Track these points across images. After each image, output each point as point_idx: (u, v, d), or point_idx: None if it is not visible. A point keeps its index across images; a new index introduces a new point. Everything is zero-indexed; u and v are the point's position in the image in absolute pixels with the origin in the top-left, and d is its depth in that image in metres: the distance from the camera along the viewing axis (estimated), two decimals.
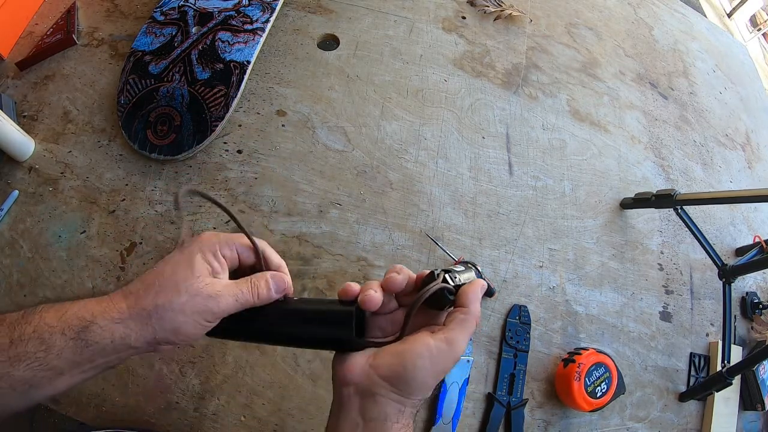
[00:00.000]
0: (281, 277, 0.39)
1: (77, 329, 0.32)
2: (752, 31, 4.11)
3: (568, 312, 0.74)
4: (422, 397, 0.35)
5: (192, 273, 0.34)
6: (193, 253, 0.35)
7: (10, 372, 0.30)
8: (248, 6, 0.81)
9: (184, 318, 0.34)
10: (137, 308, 0.33)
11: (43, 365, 0.31)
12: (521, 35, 0.95)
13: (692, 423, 0.76)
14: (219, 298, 0.34)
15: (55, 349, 0.31)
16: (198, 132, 0.71)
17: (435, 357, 0.34)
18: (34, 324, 0.32)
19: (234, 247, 0.38)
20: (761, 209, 0.98)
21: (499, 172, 0.81)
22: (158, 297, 0.33)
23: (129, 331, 0.33)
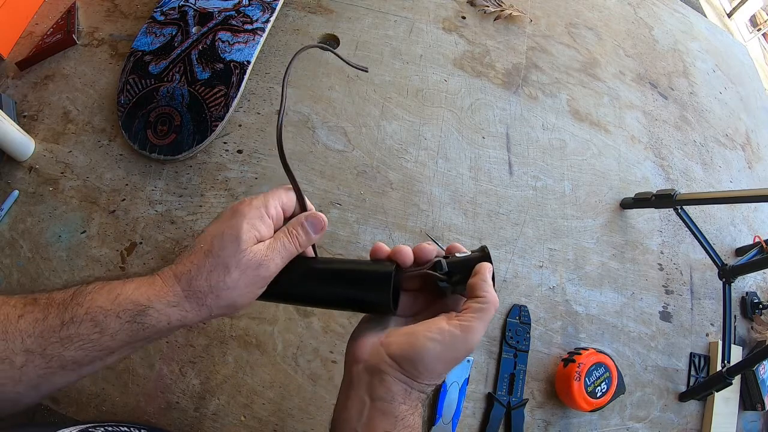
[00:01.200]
0: (315, 216, 0.38)
1: (133, 313, 0.32)
2: (752, 31, 4.11)
3: (568, 312, 0.74)
4: (430, 382, 0.34)
5: (239, 246, 0.34)
6: (239, 223, 0.34)
7: (62, 353, 0.31)
8: (248, 6, 0.81)
9: (239, 293, 0.34)
10: (191, 290, 0.33)
11: (96, 346, 0.32)
12: (521, 35, 0.95)
13: (692, 423, 0.76)
14: (267, 263, 0.34)
15: (110, 330, 0.32)
16: (198, 132, 0.71)
17: (447, 342, 0.33)
18: (86, 306, 0.32)
19: (278, 204, 0.37)
20: (761, 209, 0.98)
21: (499, 172, 0.81)
22: (211, 277, 0.33)
23: (185, 312, 0.33)
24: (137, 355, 0.61)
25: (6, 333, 0.30)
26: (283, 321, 0.64)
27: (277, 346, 0.63)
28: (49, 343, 0.30)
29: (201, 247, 0.34)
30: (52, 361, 0.31)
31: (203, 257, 0.34)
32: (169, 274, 0.34)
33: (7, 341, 0.30)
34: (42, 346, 0.30)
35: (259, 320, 0.64)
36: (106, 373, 0.60)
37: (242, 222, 0.34)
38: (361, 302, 0.37)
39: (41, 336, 0.30)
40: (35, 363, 0.30)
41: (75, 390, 0.59)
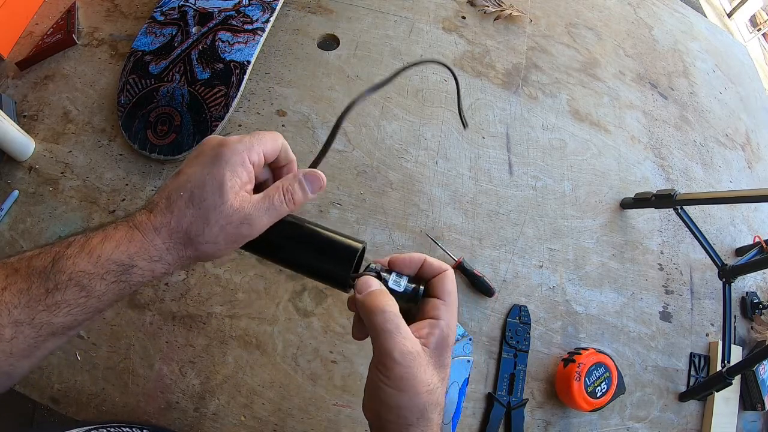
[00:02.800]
0: (314, 173, 0.36)
1: (117, 273, 0.31)
2: (752, 31, 4.11)
3: (568, 312, 0.74)
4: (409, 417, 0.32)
5: (222, 198, 0.32)
6: (221, 171, 0.32)
7: (51, 320, 0.30)
8: (248, 6, 0.81)
9: (218, 247, 0.33)
10: (172, 243, 0.32)
11: (84, 309, 0.31)
12: (521, 35, 0.95)
13: (692, 423, 0.76)
14: (252, 221, 0.33)
15: (96, 293, 0.31)
16: (198, 132, 0.71)
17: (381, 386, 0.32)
18: (68, 272, 0.30)
19: (261, 151, 0.35)
20: (761, 209, 0.98)
21: (499, 172, 0.81)
22: (190, 229, 0.32)
23: (167, 266, 0.33)
24: (137, 355, 0.61)
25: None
26: (283, 321, 0.64)
27: (277, 346, 0.63)
28: (36, 312, 0.30)
29: (180, 195, 0.32)
30: (41, 329, 0.30)
31: (183, 207, 0.32)
32: (147, 226, 0.32)
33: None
34: (30, 316, 0.30)
35: (259, 320, 0.64)
36: (106, 373, 0.60)
37: (225, 169, 0.32)
38: (320, 271, 0.36)
39: (28, 306, 0.30)
40: (25, 333, 0.30)
41: (75, 390, 0.59)
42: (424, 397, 0.31)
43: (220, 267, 0.66)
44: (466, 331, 0.68)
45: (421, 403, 0.31)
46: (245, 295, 0.65)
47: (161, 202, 0.33)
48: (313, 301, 0.66)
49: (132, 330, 0.62)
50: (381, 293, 0.33)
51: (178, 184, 0.33)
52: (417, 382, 0.30)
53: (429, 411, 0.31)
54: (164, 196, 0.33)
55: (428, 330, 0.33)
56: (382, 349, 0.31)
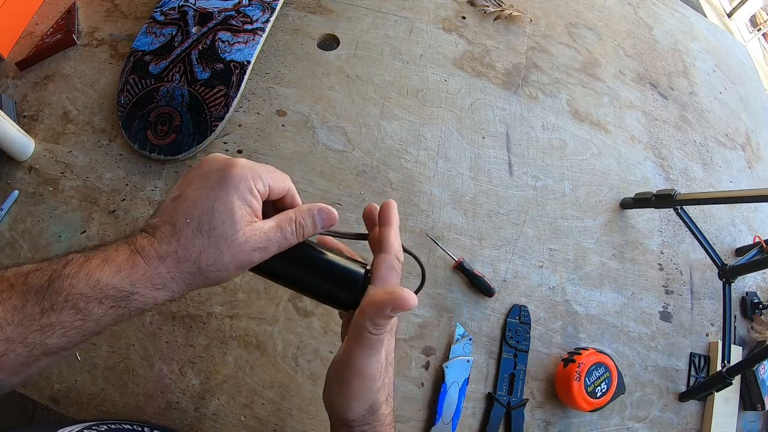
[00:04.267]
0: (328, 211, 0.36)
1: (116, 299, 0.30)
2: (752, 31, 4.11)
3: (568, 312, 0.74)
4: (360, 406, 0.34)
5: (233, 226, 0.31)
6: (230, 197, 0.31)
7: (44, 341, 0.29)
8: (248, 6, 0.81)
9: (228, 273, 0.32)
10: (178, 272, 0.31)
11: (80, 332, 0.30)
12: (521, 35, 0.95)
13: (692, 423, 0.76)
14: (263, 251, 0.33)
15: (93, 316, 0.30)
16: (198, 132, 0.71)
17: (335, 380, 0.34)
18: (64, 294, 0.29)
19: (267, 184, 0.34)
20: (761, 209, 0.98)
21: (499, 172, 0.81)
22: (200, 260, 0.31)
23: (171, 293, 0.32)
24: (137, 355, 0.61)
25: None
26: (283, 321, 0.64)
27: (277, 346, 0.63)
28: (29, 332, 0.29)
29: (187, 223, 0.31)
30: (34, 349, 0.29)
31: (191, 236, 0.31)
32: (151, 254, 0.31)
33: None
34: (22, 335, 0.29)
35: (259, 320, 0.64)
36: (106, 373, 0.60)
37: (233, 196, 0.31)
38: (326, 295, 0.36)
39: (21, 324, 0.29)
40: (16, 351, 0.29)
41: (75, 390, 0.59)
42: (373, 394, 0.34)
43: None
44: (466, 331, 0.68)
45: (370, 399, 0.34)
46: (245, 295, 0.65)
47: (164, 227, 0.31)
48: (313, 301, 0.66)
49: (132, 330, 0.62)
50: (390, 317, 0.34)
51: (183, 210, 0.32)
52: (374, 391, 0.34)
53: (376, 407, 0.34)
54: (167, 221, 0.32)
55: None
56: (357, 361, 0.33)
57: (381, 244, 0.36)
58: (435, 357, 0.67)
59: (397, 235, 0.37)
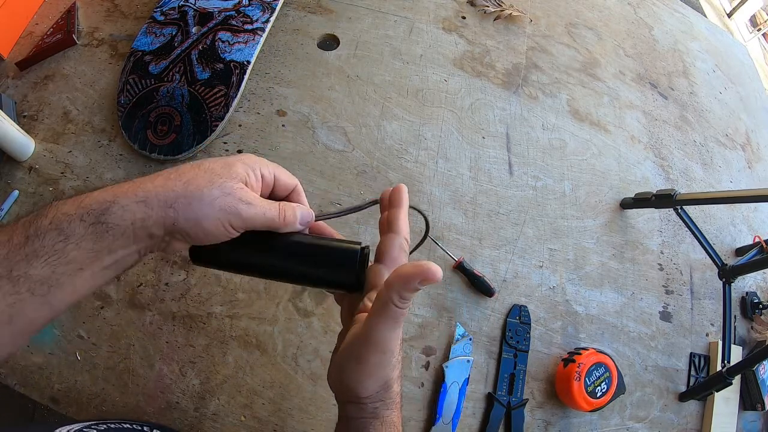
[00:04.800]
0: (309, 211, 0.38)
1: (97, 213, 0.30)
2: (752, 31, 4.11)
3: (568, 312, 0.74)
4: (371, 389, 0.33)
5: (230, 174, 0.33)
6: (235, 162, 0.34)
7: (28, 271, 0.28)
8: (248, 6, 0.81)
9: (211, 211, 0.31)
10: (164, 189, 0.31)
11: (61, 258, 0.29)
12: (521, 35, 0.95)
13: (692, 423, 0.76)
14: (250, 206, 0.33)
15: (74, 237, 0.29)
16: (198, 132, 0.71)
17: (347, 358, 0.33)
18: (50, 216, 0.29)
19: (272, 172, 0.36)
20: (761, 209, 0.98)
21: (499, 172, 0.81)
22: (190, 184, 0.31)
23: (150, 211, 0.31)
24: (137, 355, 0.61)
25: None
26: (283, 321, 0.64)
27: (277, 346, 0.63)
28: (14, 263, 0.28)
29: (190, 164, 0.33)
30: (18, 283, 0.28)
31: (190, 168, 0.32)
32: (145, 178, 0.32)
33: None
34: (8, 268, 0.28)
35: (259, 320, 0.64)
36: (106, 373, 0.60)
37: (238, 163, 0.34)
38: (326, 280, 0.36)
39: (7, 258, 0.28)
40: (3, 289, 0.28)
41: (75, 390, 0.59)
42: (389, 371, 0.33)
43: None
44: (466, 331, 0.68)
45: (385, 376, 0.33)
46: (245, 295, 0.65)
47: (169, 167, 0.33)
48: (313, 301, 0.66)
49: (132, 330, 0.62)
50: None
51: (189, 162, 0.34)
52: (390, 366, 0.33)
53: (389, 384, 0.34)
54: (175, 166, 0.33)
55: None
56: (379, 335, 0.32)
57: (390, 224, 0.37)
58: (435, 357, 0.67)
59: (405, 217, 0.38)
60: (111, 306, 0.63)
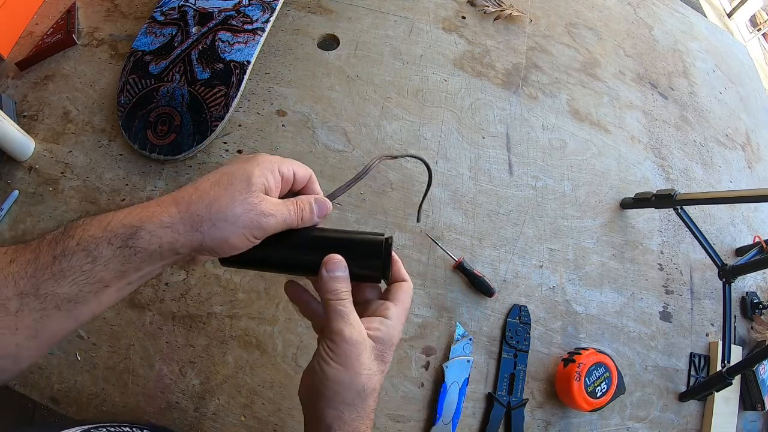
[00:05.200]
0: (324, 201, 0.39)
1: (124, 237, 0.31)
2: (752, 31, 4.11)
3: (568, 312, 0.74)
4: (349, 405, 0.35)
5: (249, 187, 0.33)
6: (251, 167, 0.35)
7: (55, 290, 0.30)
8: (248, 6, 0.81)
9: (235, 229, 0.33)
10: (188, 213, 0.32)
11: (89, 278, 0.30)
12: (521, 35, 0.95)
13: (692, 423, 0.76)
14: (270, 217, 0.34)
15: (102, 260, 0.30)
16: (198, 132, 0.71)
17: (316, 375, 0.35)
18: (77, 237, 0.30)
19: (290, 169, 0.37)
20: (761, 209, 0.98)
21: (499, 172, 0.81)
22: (212, 206, 0.32)
23: (177, 236, 0.32)
24: (137, 355, 0.61)
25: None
26: (283, 321, 0.64)
27: (277, 346, 0.63)
28: (41, 282, 0.29)
29: (208, 179, 0.34)
30: (46, 300, 0.29)
31: (209, 187, 0.33)
32: (167, 199, 0.33)
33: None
34: (35, 286, 0.29)
35: (259, 320, 0.64)
36: (106, 373, 0.60)
37: (255, 168, 0.34)
38: (353, 272, 0.37)
39: (34, 276, 0.29)
40: (30, 306, 0.29)
41: (75, 390, 0.59)
42: (363, 378, 0.34)
43: (221, 267, 0.65)
44: (466, 331, 0.68)
45: (360, 383, 0.34)
46: (245, 295, 0.65)
47: (188, 185, 0.34)
48: None
49: (132, 330, 0.62)
50: (345, 279, 0.36)
51: (208, 174, 0.35)
52: (359, 363, 0.34)
53: (366, 393, 0.34)
54: (194, 183, 0.34)
55: (377, 326, 0.36)
56: (334, 327, 0.34)
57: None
58: (435, 357, 0.67)
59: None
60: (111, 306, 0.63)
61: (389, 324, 0.37)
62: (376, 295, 0.41)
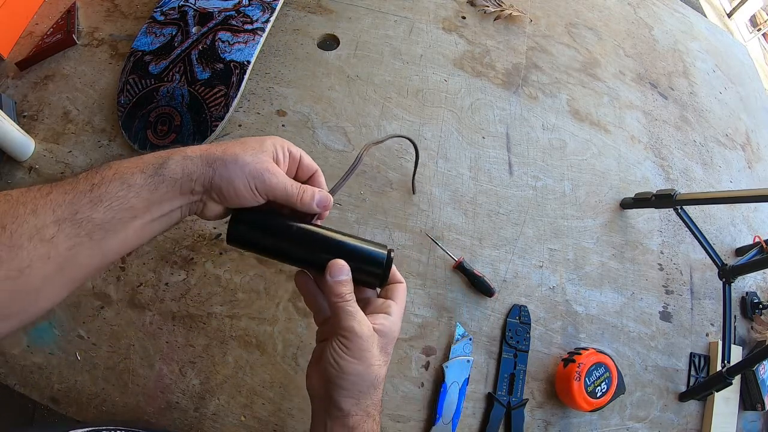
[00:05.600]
0: (327, 196, 0.42)
1: (156, 166, 0.35)
2: (752, 31, 4.11)
3: (568, 312, 0.74)
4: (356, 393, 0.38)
5: (261, 147, 0.38)
6: (266, 138, 0.40)
7: (91, 215, 0.32)
8: (248, 6, 0.81)
9: (241, 173, 0.37)
10: (207, 152, 0.37)
11: (122, 204, 0.33)
12: (521, 35, 0.95)
13: (692, 423, 0.76)
14: (273, 175, 0.38)
15: (135, 187, 0.34)
16: (198, 132, 0.71)
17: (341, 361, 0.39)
18: (114, 167, 0.34)
19: (299, 151, 0.42)
20: (761, 209, 0.98)
21: (499, 172, 0.81)
22: (227, 151, 0.37)
23: (194, 167, 0.36)
24: (137, 355, 0.61)
25: (36, 208, 0.31)
26: (283, 321, 0.64)
27: (277, 346, 0.63)
28: (80, 207, 0.32)
29: (226, 139, 0.41)
30: (81, 225, 0.32)
31: (228, 141, 0.39)
32: (188, 146, 0.38)
33: (37, 215, 0.31)
34: (73, 211, 0.32)
35: (259, 320, 0.64)
36: (106, 373, 0.60)
37: (269, 141, 0.39)
38: (355, 277, 0.40)
39: (72, 202, 0.32)
40: (65, 232, 0.31)
41: (75, 390, 0.59)
42: (375, 369, 0.38)
43: (221, 267, 0.66)
44: (466, 331, 0.68)
45: (373, 374, 0.38)
46: (245, 295, 0.65)
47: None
48: None
49: (132, 330, 0.62)
50: (349, 282, 0.39)
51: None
52: (371, 355, 0.38)
53: (377, 382, 0.39)
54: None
55: (381, 321, 0.40)
56: (345, 325, 0.38)
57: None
58: (435, 357, 0.67)
59: None
60: (111, 306, 0.63)
61: (391, 320, 0.40)
62: (373, 293, 0.44)
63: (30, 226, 0.30)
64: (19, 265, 0.30)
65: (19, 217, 0.30)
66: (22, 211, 0.30)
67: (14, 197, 0.31)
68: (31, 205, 0.31)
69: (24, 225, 0.30)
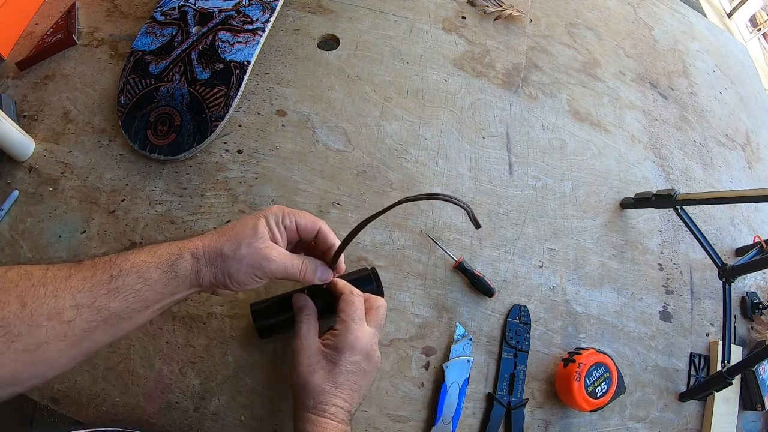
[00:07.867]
0: (329, 271, 0.48)
1: (169, 262, 0.38)
2: (752, 31, 4.11)
3: (568, 312, 0.74)
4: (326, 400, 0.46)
5: (255, 234, 0.41)
6: (259, 218, 0.43)
7: (109, 304, 0.35)
8: (248, 6, 0.81)
9: (239, 266, 0.41)
10: (209, 248, 0.41)
11: (137, 297, 0.36)
12: (521, 35, 0.95)
13: (692, 423, 0.76)
14: (271, 262, 0.42)
15: (150, 280, 0.37)
16: (198, 132, 0.71)
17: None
18: (131, 260, 0.37)
19: (293, 220, 0.45)
20: (761, 209, 0.98)
21: (499, 172, 0.81)
22: (224, 246, 0.41)
23: (201, 267, 0.40)
24: (137, 355, 0.61)
25: (56, 291, 0.33)
26: None
27: (278, 346, 0.63)
28: (98, 296, 0.34)
29: (228, 226, 0.44)
30: (99, 313, 0.34)
31: (227, 231, 0.43)
32: (199, 237, 0.43)
33: (57, 298, 0.33)
34: (92, 299, 0.34)
35: None
36: (106, 373, 0.60)
37: (261, 221, 0.43)
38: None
39: (91, 290, 0.34)
40: (83, 316, 0.34)
41: (75, 390, 0.59)
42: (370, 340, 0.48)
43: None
44: (466, 331, 0.68)
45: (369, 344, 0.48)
46: (245, 295, 0.65)
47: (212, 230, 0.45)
48: None
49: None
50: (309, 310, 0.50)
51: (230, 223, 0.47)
52: (365, 326, 0.49)
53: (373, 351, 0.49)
54: (218, 229, 0.45)
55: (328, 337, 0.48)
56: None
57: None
58: (435, 357, 0.67)
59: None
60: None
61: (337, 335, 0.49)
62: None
63: (49, 307, 0.32)
64: (36, 341, 0.32)
65: (40, 298, 0.32)
66: (42, 293, 0.33)
67: (35, 277, 0.33)
68: (51, 288, 0.33)
69: (44, 306, 0.32)
